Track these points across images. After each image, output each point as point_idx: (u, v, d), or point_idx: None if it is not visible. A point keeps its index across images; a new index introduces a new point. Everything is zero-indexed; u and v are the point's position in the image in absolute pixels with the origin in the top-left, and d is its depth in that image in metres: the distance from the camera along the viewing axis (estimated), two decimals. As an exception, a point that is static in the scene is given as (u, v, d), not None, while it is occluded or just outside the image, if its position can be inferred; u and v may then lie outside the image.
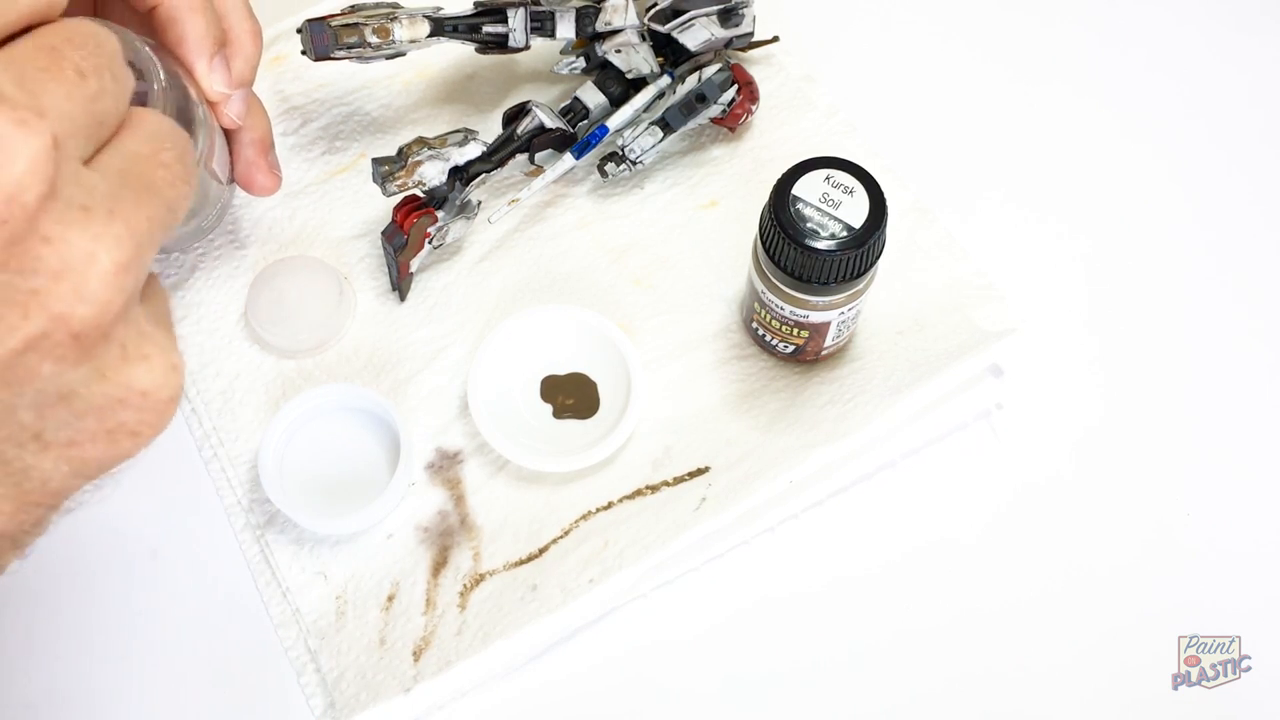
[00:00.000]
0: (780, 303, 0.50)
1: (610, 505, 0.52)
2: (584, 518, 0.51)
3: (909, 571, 0.52)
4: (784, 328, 0.51)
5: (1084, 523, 0.53)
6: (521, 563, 0.51)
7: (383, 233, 0.54)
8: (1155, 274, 0.59)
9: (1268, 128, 0.63)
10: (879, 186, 0.47)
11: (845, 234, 0.47)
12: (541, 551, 0.51)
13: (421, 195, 0.54)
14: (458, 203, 0.55)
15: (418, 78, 0.62)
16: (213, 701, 0.50)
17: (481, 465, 0.53)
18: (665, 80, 0.58)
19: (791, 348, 0.53)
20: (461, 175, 0.54)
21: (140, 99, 0.41)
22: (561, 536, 0.51)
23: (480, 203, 0.56)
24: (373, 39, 0.53)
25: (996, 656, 0.50)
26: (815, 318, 0.50)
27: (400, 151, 0.53)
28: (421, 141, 0.53)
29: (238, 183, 0.52)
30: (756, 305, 0.52)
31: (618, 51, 0.57)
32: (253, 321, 0.54)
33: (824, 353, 0.53)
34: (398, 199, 0.54)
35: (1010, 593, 0.52)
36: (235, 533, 0.52)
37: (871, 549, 0.53)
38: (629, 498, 0.52)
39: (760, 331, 0.53)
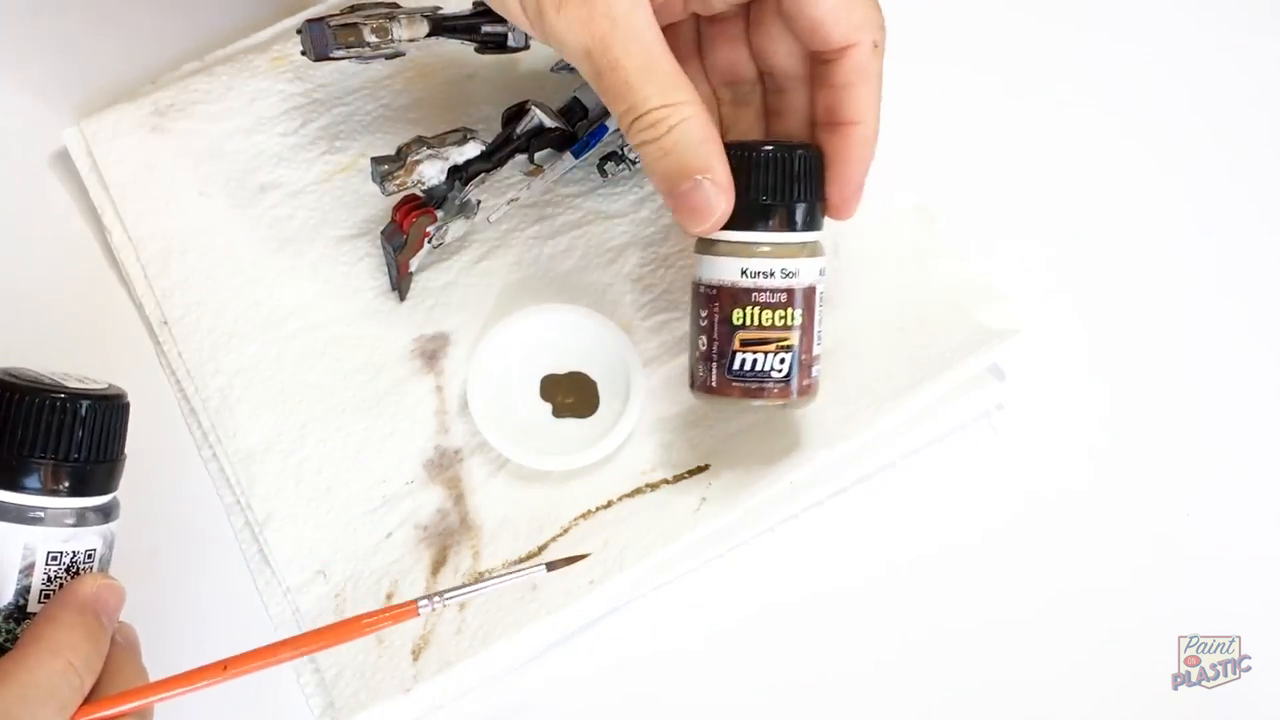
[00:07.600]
0: (767, 265, 0.46)
1: (610, 504, 0.52)
2: (584, 516, 0.51)
3: (909, 572, 0.52)
4: (772, 316, 0.46)
5: (1084, 523, 0.53)
6: (521, 561, 0.50)
7: (382, 232, 0.54)
8: (1156, 275, 0.59)
9: (1270, 129, 0.63)
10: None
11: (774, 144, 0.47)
12: (541, 550, 0.51)
13: (421, 195, 0.54)
14: (457, 202, 0.55)
15: (418, 78, 0.62)
16: (212, 701, 0.49)
17: (481, 464, 0.53)
18: (665, 80, 0.58)
19: (784, 359, 0.47)
20: (461, 175, 0.54)
21: None
22: (561, 535, 0.51)
23: (480, 202, 0.56)
24: (372, 39, 0.53)
25: (996, 656, 0.50)
26: (803, 273, 0.46)
27: (400, 151, 0.53)
28: (421, 141, 0.53)
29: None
30: (737, 313, 0.46)
31: (618, 51, 0.57)
32: None
33: (814, 368, 0.48)
34: (397, 198, 0.54)
35: (1010, 593, 0.52)
36: (234, 531, 0.52)
37: (872, 549, 0.52)
38: (629, 496, 0.52)
39: (745, 361, 0.47)
